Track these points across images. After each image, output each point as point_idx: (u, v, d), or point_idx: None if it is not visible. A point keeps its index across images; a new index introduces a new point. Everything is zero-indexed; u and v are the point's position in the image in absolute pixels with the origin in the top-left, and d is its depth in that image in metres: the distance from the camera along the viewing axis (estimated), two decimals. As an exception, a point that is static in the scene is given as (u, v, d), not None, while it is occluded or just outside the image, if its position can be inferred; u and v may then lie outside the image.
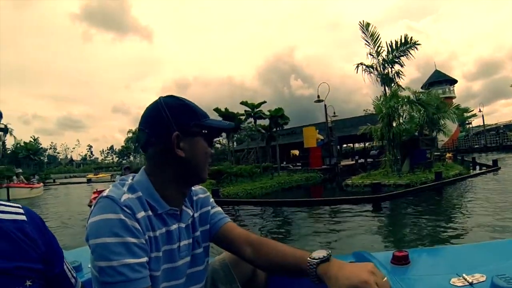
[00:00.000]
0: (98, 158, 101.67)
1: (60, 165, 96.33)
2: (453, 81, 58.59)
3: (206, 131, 1.09)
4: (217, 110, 30.28)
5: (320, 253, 0.99)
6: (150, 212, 1.02)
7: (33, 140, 74.53)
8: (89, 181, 46.87)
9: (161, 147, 1.06)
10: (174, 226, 1.09)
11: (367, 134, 22.63)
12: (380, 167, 21.97)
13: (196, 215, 1.22)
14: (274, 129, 31.27)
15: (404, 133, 20.83)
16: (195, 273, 1.17)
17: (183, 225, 1.13)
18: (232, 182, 21.68)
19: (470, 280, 1.15)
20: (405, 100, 20.62)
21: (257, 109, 30.20)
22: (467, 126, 63.53)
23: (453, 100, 56.14)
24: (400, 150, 21.94)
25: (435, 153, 37.85)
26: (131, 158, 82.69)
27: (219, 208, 1.30)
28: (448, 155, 35.48)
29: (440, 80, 56.39)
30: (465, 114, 65.21)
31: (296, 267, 1.03)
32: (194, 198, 1.24)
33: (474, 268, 1.25)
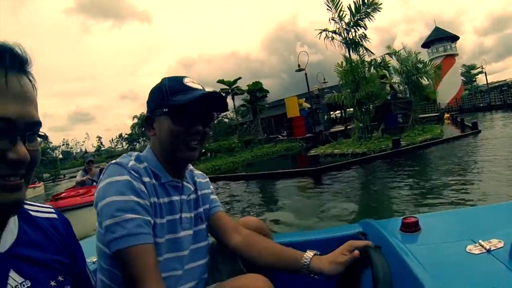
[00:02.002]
0: (111, 147, 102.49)
1: (74, 159, 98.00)
2: (455, 38, 55.44)
3: (166, 110, 1.08)
4: (220, 81, 30.56)
5: (311, 252, 1.14)
6: (154, 180, 1.09)
7: (45, 143, 76.02)
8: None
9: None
10: (176, 198, 1.15)
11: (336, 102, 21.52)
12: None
13: (198, 193, 1.26)
14: (261, 102, 31.39)
15: (375, 98, 19.56)
16: (199, 249, 1.20)
17: (184, 197, 1.18)
18: (211, 159, 21.70)
19: (488, 247, 1.08)
20: (371, 63, 19.42)
21: (234, 86, 30.62)
22: (474, 83, 60.62)
23: (456, 57, 53.70)
24: (375, 116, 20.98)
25: (435, 114, 36.57)
26: (140, 143, 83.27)
27: (216, 196, 1.34)
28: (446, 115, 34.02)
29: (440, 37, 53.73)
30: (472, 71, 62.50)
31: (288, 263, 1.14)
32: (195, 178, 1.29)
33: (490, 232, 1.18)
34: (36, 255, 0.70)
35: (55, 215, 0.82)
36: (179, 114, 1.08)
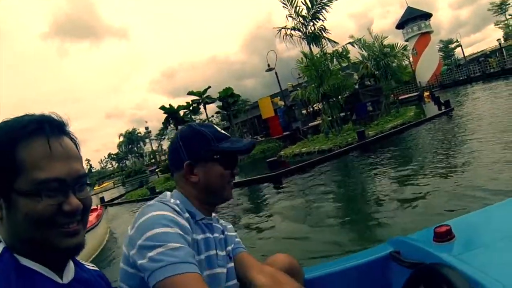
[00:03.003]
0: (103, 168, 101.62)
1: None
2: (428, 15, 54.86)
3: (218, 156, 1.14)
4: (162, 108, 31.59)
5: None
6: (190, 218, 1.11)
7: None
8: None
9: (179, 174, 1.17)
10: (209, 235, 1.17)
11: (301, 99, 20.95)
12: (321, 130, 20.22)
13: (225, 234, 1.30)
14: (235, 107, 31.96)
15: (343, 89, 18.95)
16: (232, 286, 1.20)
17: (217, 235, 1.21)
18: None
19: None
20: (333, 55, 18.75)
21: (204, 95, 31.49)
22: (453, 58, 60.14)
23: (431, 34, 53.34)
24: (346, 107, 20.44)
25: (415, 94, 36.10)
26: (129, 160, 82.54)
27: (239, 239, 1.36)
28: (425, 94, 33.52)
29: (413, 16, 53.18)
30: (449, 46, 62.13)
31: None
32: (220, 221, 1.33)
33: None
34: None
35: (97, 268, 0.94)
36: (229, 159, 1.18)
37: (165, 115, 31.68)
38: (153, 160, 70.34)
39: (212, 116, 35.05)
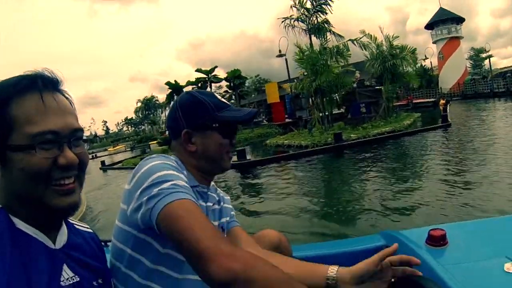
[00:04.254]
0: (119, 130, 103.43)
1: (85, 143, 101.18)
2: (460, 20, 52.53)
3: (217, 125, 1.12)
4: (168, 83, 32.18)
5: (334, 266, 1.05)
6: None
7: None
8: (94, 157, 45.83)
9: (177, 142, 1.16)
10: (202, 203, 1.14)
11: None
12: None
13: (221, 205, 1.28)
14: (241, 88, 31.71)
15: (341, 87, 18.57)
16: None
17: (210, 204, 1.19)
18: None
19: None
20: (332, 51, 18.27)
21: (211, 74, 31.51)
22: (482, 68, 57.69)
23: (461, 40, 51.28)
24: (343, 105, 20.09)
25: (430, 100, 34.99)
26: (144, 125, 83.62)
27: (234, 212, 1.35)
28: (441, 101, 32.53)
29: (445, 18, 50.99)
30: (480, 55, 59.59)
31: (310, 279, 1.03)
32: (218, 191, 1.31)
33: None
34: (82, 258, 0.82)
35: (91, 230, 0.95)
36: (228, 129, 1.15)
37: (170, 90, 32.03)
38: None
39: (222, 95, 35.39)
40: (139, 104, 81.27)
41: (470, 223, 1.55)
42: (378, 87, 21.09)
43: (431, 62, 54.23)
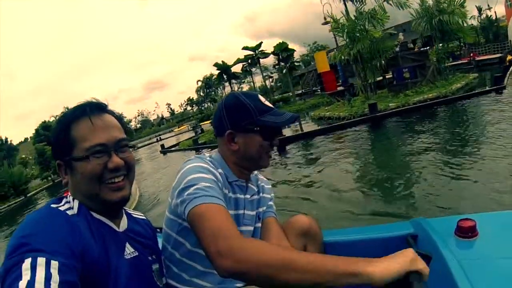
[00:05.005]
0: (184, 110, 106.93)
1: (152, 126, 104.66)
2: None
3: (258, 128, 1.22)
4: (216, 64, 33.53)
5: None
6: (224, 176, 1.24)
7: None
8: (158, 140, 48.31)
9: (221, 139, 1.28)
10: (240, 196, 1.29)
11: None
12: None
13: (260, 195, 1.40)
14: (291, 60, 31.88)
15: (382, 52, 17.84)
16: None
17: (248, 196, 1.32)
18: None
19: None
20: (368, 15, 17.43)
21: (259, 50, 31.79)
22: None
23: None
24: (387, 71, 19.21)
25: (497, 56, 31.77)
26: (206, 103, 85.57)
27: (273, 204, 1.47)
28: (509, 57, 29.55)
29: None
30: None
31: None
32: (259, 182, 1.44)
33: None
34: (139, 239, 1.06)
35: (144, 217, 1.21)
36: (268, 132, 1.25)
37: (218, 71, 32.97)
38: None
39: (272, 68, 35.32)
40: (200, 83, 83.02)
41: (504, 214, 1.42)
42: (423, 49, 19.83)
43: (495, 12, 48.90)
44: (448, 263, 1.05)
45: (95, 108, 0.98)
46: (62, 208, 0.89)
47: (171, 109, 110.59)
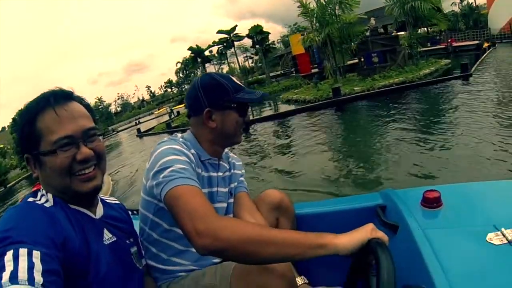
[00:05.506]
0: (164, 92, 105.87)
1: (132, 109, 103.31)
2: None
3: (235, 105, 1.27)
4: (190, 48, 34.16)
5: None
6: (197, 156, 1.27)
7: (98, 101, 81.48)
8: (137, 123, 47.52)
9: (197, 119, 1.30)
10: (213, 174, 1.33)
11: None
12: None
13: (232, 171, 1.45)
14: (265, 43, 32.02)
15: (353, 37, 17.81)
16: None
17: (220, 174, 1.36)
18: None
19: (510, 238, 0.97)
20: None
21: (233, 33, 31.59)
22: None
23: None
24: (358, 55, 19.20)
25: (474, 42, 32.11)
26: (185, 87, 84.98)
27: (244, 179, 1.51)
28: (486, 44, 29.73)
29: None
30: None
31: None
32: (230, 159, 1.48)
33: None
34: (115, 224, 1.07)
35: (118, 202, 1.22)
36: (243, 108, 1.30)
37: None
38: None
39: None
40: (179, 65, 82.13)
41: (467, 185, 1.50)
42: (394, 34, 19.86)
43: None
44: (413, 232, 1.09)
45: (60, 97, 0.94)
46: (39, 202, 0.89)
47: (151, 91, 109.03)
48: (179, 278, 1.21)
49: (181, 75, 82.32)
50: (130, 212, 1.46)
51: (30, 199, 0.90)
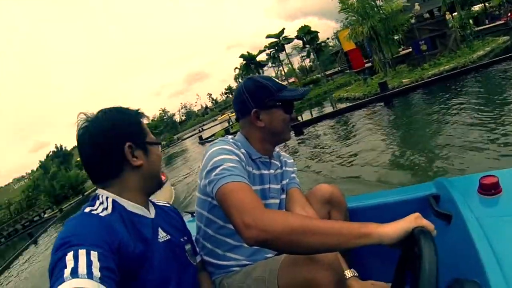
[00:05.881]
0: (226, 98, 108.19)
1: (196, 116, 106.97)
2: None
3: (280, 103, 1.32)
4: (242, 56, 37.25)
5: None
6: (247, 155, 1.32)
7: (162, 112, 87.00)
8: (200, 131, 50.71)
9: (246, 120, 1.36)
10: (265, 172, 1.38)
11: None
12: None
13: (283, 169, 1.49)
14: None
15: (398, 26, 17.44)
16: None
17: (272, 171, 1.40)
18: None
19: None
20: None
21: (282, 36, 32.46)
22: None
23: None
24: (407, 44, 18.62)
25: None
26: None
27: (296, 176, 1.54)
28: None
29: None
30: None
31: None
32: (281, 157, 1.52)
33: None
34: (169, 223, 1.15)
35: (169, 204, 1.29)
36: (288, 106, 1.35)
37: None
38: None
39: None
40: (237, 71, 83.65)
41: None
42: (442, 17, 18.86)
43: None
44: (467, 222, 1.02)
45: (143, 115, 1.15)
46: (95, 212, 0.94)
47: (212, 98, 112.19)
48: (232, 272, 1.26)
49: (240, 80, 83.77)
50: (189, 214, 1.86)
51: (87, 209, 0.95)
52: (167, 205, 1.27)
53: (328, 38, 38.62)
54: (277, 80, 1.37)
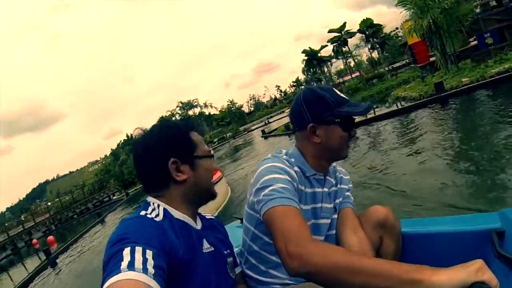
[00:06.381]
0: (294, 91, 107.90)
1: (266, 108, 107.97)
2: None
3: (338, 120, 1.25)
4: (304, 51, 36.29)
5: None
6: (300, 173, 1.28)
7: (230, 103, 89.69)
8: (266, 123, 52.11)
9: (302, 133, 1.31)
10: (318, 189, 1.33)
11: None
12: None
13: (338, 187, 1.43)
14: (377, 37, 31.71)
15: (462, 18, 16.23)
16: (331, 235, 1.36)
17: (326, 189, 1.35)
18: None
19: None
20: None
21: (344, 31, 31.76)
22: None
23: None
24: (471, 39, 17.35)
25: None
26: (314, 84, 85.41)
27: (351, 194, 1.47)
28: None
29: None
30: None
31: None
32: (337, 174, 1.46)
33: None
34: (214, 235, 1.18)
35: (214, 217, 1.32)
36: (348, 122, 1.28)
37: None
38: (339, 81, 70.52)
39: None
40: (305, 62, 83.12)
41: None
42: (507, 5, 17.11)
43: None
44: None
45: (195, 126, 1.18)
46: (150, 216, 0.97)
47: (281, 90, 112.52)
48: None
49: (306, 73, 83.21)
50: (239, 220, 1.93)
51: (142, 213, 0.99)
52: (212, 217, 1.29)
53: (397, 28, 36.80)
54: (338, 92, 1.30)
